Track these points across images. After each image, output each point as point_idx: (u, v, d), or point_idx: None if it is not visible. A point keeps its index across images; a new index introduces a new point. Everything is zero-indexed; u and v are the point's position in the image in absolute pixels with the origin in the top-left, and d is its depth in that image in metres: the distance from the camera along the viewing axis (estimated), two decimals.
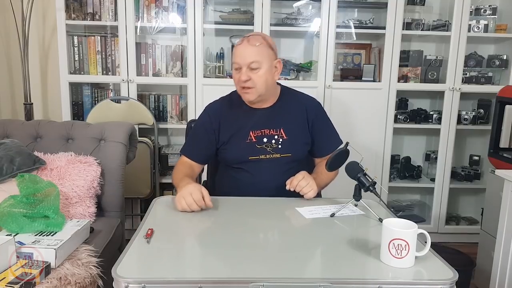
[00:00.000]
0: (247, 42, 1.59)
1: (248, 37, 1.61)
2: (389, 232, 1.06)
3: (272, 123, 1.69)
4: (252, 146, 1.67)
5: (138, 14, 2.73)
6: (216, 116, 1.72)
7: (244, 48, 1.59)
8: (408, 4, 2.82)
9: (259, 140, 1.68)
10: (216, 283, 0.99)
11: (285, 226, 1.37)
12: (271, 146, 1.67)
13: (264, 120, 1.69)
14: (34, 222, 1.51)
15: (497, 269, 1.83)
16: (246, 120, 1.69)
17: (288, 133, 1.68)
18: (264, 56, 1.60)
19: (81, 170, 1.89)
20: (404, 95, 3.05)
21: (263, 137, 1.68)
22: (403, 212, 3.11)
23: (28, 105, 2.68)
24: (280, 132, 1.68)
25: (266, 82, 1.62)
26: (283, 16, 2.85)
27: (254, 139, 1.68)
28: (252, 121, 1.69)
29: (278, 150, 1.68)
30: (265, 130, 1.68)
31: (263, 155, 1.67)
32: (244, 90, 1.63)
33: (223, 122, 1.71)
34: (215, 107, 1.77)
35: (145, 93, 2.94)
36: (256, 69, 1.59)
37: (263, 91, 1.63)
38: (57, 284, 1.34)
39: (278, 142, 1.68)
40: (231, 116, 1.71)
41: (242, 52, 1.60)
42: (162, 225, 1.31)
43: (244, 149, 1.67)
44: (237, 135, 1.69)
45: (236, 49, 1.62)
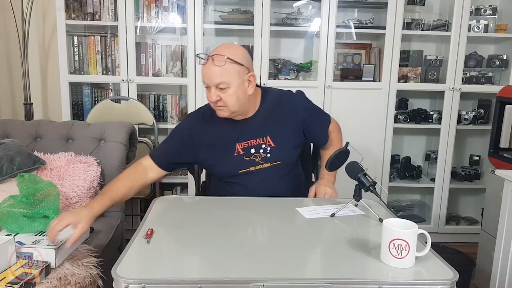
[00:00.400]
0: (211, 62, 1.48)
1: (212, 56, 1.49)
2: (389, 232, 1.06)
3: (257, 132, 1.62)
4: (240, 159, 1.61)
5: (138, 14, 2.73)
6: (198, 131, 1.65)
7: (209, 69, 1.49)
8: (408, 4, 2.82)
9: (247, 152, 1.61)
10: (216, 283, 0.99)
11: (285, 226, 1.37)
12: (260, 156, 1.61)
13: (249, 130, 1.62)
14: (34, 222, 1.51)
15: (497, 269, 1.83)
16: (231, 133, 1.62)
17: (276, 140, 1.62)
18: (231, 75, 1.50)
19: (81, 170, 1.89)
20: (404, 95, 3.05)
21: (251, 148, 1.61)
22: (403, 212, 3.11)
23: (28, 105, 2.68)
24: (267, 140, 1.62)
25: (238, 100, 1.53)
26: (283, 16, 2.85)
27: (241, 152, 1.61)
28: (237, 133, 1.62)
29: (268, 159, 1.62)
30: (251, 140, 1.62)
31: (252, 166, 1.61)
32: (216, 107, 1.56)
33: (206, 136, 1.64)
34: (197, 121, 1.68)
35: (145, 93, 2.94)
36: (224, 89, 1.51)
37: (236, 109, 1.56)
38: (57, 284, 1.34)
39: (267, 150, 1.62)
40: (214, 130, 1.64)
41: (207, 72, 1.50)
42: (162, 225, 1.31)
43: (233, 163, 1.61)
44: (223, 149, 1.62)
45: (202, 69, 1.52)
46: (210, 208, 1.52)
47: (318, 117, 1.75)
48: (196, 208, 1.56)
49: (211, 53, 1.50)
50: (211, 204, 1.57)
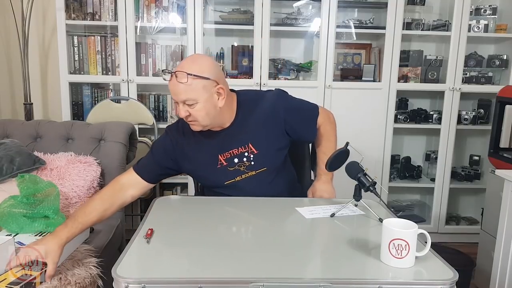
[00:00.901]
0: (175, 78, 1.43)
1: (175, 72, 1.44)
2: (389, 232, 1.06)
3: (238, 141, 1.58)
4: (224, 170, 1.58)
5: (138, 14, 2.73)
6: (179, 143, 1.61)
7: (173, 86, 1.44)
8: (408, 4, 2.82)
9: (230, 162, 1.58)
10: (216, 283, 0.99)
11: (285, 226, 1.37)
12: (244, 165, 1.58)
13: (229, 140, 1.58)
14: (34, 222, 1.51)
15: (497, 269, 1.83)
16: (212, 145, 1.59)
17: (258, 146, 1.58)
18: (196, 91, 1.44)
19: (81, 170, 1.89)
20: (404, 95, 3.05)
21: (234, 158, 1.58)
22: (403, 212, 3.11)
23: (28, 105, 2.68)
24: (249, 147, 1.58)
25: (208, 114, 1.49)
26: (283, 16, 2.85)
27: (224, 163, 1.58)
28: (218, 144, 1.58)
29: (252, 167, 1.58)
30: (233, 150, 1.58)
31: (238, 176, 1.58)
32: (188, 122, 1.52)
33: (187, 150, 1.60)
34: (177, 135, 1.62)
35: (145, 93, 2.94)
36: (192, 104, 1.45)
37: (208, 123, 1.51)
38: (57, 284, 1.34)
39: (250, 158, 1.58)
40: (195, 143, 1.60)
41: (172, 89, 1.45)
42: (162, 225, 1.31)
43: (218, 175, 1.58)
44: (207, 161, 1.59)
45: (168, 85, 1.47)
46: (210, 208, 1.52)
47: (302, 114, 1.67)
48: (196, 208, 1.56)
49: (175, 69, 1.45)
50: (211, 204, 1.57)
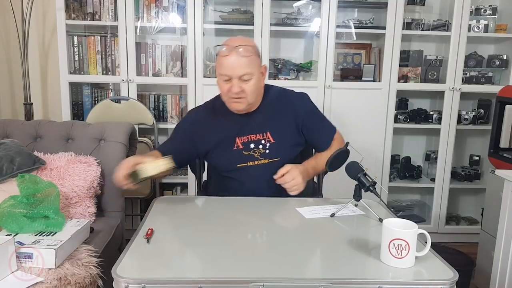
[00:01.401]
0: (237, 53, 1.50)
1: (236, 47, 1.51)
2: (389, 232, 1.06)
3: (257, 127, 1.64)
4: (239, 153, 1.63)
5: (138, 14, 2.73)
6: (198, 125, 1.67)
7: (235, 60, 1.50)
8: (408, 4, 2.82)
9: (246, 146, 1.63)
10: (216, 283, 0.99)
11: (285, 226, 1.37)
12: (259, 152, 1.62)
13: (249, 125, 1.64)
14: (34, 222, 1.51)
15: (497, 269, 1.83)
16: (232, 127, 1.64)
17: (275, 136, 1.63)
18: (254, 66, 1.54)
19: (81, 170, 1.89)
20: (404, 95, 3.05)
21: (250, 143, 1.63)
22: (403, 212, 3.11)
23: (28, 105, 2.68)
24: (266, 136, 1.63)
25: (255, 91, 1.57)
26: (283, 16, 2.85)
27: (241, 146, 1.63)
28: (238, 127, 1.64)
29: (266, 156, 1.63)
30: (251, 135, 1.63)
31: (251, 161, 1.63)
32: (234, 100, 1.56)
33: (206, 130, 1.66)
34: (198, 116, 1.71)
35: (145, 93, 2.94)
36: (247, 80, 1.53)
37: (253, 100, 1.59)
38: (57, 284, 1.34)
39: (266, 146, 1.63)
40: (216, 124, 1.66)
41: (232, 63, 1.50)
42: (162, 225, 1.31)
43: (232, 156, 1.63)
44: (224, 142, 1.64)
45: (224, 60, 1.51)
46: (210, 208, 1.52)
47: (322, 124, 1.73)
48: (196, 208, 1.56)
49: (234, 45, 1.52)
50: (211, 204, 1.57)
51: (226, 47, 1.52)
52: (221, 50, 1.53)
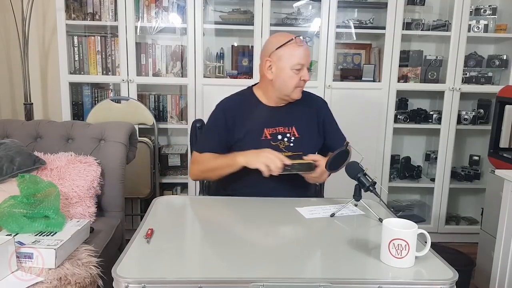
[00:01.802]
0: (305, 43, 1.64)
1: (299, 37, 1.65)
2: (389, 232, 1.06)
3: (285, 121, 1.71)
4: (267, 143, 1.68)
5: (138, 14, 2.73)
6: (231, 112, 1.72)
7: (306, 49, 1.64)
8: (408, 4, 2.82)
9: (274, 137, 1.70)
10: (216, 283, 0.99)
11: (285, 226, 1.37)
12: (284, 144, 1.69)
13: (277, 118, 1.72)
14: (34, 222, 1.51)
15: (497, 269, 1.83)
16: (260, 118, 1.71)
17: (300, 131, 1.71)
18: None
19: (81, 170, 1.89)
20: (404, 95, 3.05)
21: (277, 135, 1.70)
22: (403, 212, 3.11)
23: (28, 105, 2.68)
24: (292, 130, 1.71)
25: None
26: (283, 16, 2.85)
27: (269, 137, 1.69)
28: (266, 118, 1.71)
29: (290, 148, 1.69)
30: (278, 128, 1.71)
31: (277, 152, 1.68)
32: (300, 88, 1.68)
33: (238, 118, 1.71)
34: (230, 104, 1.76)
35: (145, 93, 2.94)
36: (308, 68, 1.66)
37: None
38: (57, 284, 1.34)
39: (290, 140, 1.70)
40: (246, 113, 1.72)
41: (305, 52, 1.63)
42: (162, 225, 1.31)
43: (260, 146, 1.65)
44: (252, 132, 1.69)
45: (298, 50, 1.62)
46: (210, 208, 1.52)
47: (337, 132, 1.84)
48: (196, 208, 1.56)
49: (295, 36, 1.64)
50: (211, 204, 1.57)
51: (296, 38, 1.63)
52: (297, 40, 1.62)
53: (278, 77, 1.65)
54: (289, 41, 1.62)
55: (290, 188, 1.68)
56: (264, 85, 1.73)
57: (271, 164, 1.49)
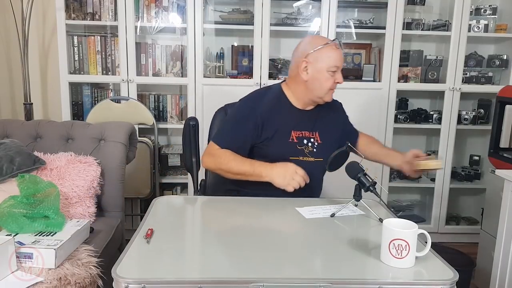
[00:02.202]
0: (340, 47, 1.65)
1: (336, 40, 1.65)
2: (389, 232, 1.06)
3: (310, 125, 1.71)
4: (294, 146, 1.67)
5: (138, 14, 2.73)
6: (263, 111, 1.67)
7: (340, 52, 1.64)
8: (408, 4, 2.82)
9: (300, 141, 1.69)
10: (216, 283, 0.99)
11: (285, 226, 1.37)
12: (308, 149, 1.69)
13: (304, 121, 1.71)
14: (34, 223, 1.51)
15: (497, 269, 1.83)
16: (289, 119, 1.69)
17: (322, 138, 1.71)
18: None
19: (81, 170, 1.89)
20: (404, 95, 3.05)
21: (303, 139, 1.69)
22: (403, 212, 3.11)
23: (28, 105, 2.68)
24: (315, 135, 1.71)
25: None
26: (283, 16, 2.85)
27: (295, 140, 1.68)
28: (294, 121, 1.70)
29: (313, 154, 1.69)
30: (305, 132, 1.70)
31: (301, 156, 1.67)
32: (333, 91, 1.67)
33: (268, 117, 1.67)
34: (262, 102, 1.70)
35: (145, 93, 2.94)
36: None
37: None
38: (57, 284, 1.34)
39: (314, 145, 1.70)
40: (276, 112, 1.69)
41: (340, 55, 1.64)
42: (162, 225, 1.31)
43: (287, 148, 1.66)
44: (281, 132, 1.67)
45: (334, 53, 1.62)
46: (210, 208, 1.52)
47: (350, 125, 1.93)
48: (196, 208, 1.56)
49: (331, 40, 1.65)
50: (211, 204, 1.57)
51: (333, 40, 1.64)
52: (335, 43, 1.64)
53: (314, 79, 1.63)
54: (327, 44, 1.62)
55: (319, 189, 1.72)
56: (295, 86, 1.70)
57: (296, 185, 1.50)
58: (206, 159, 1.67)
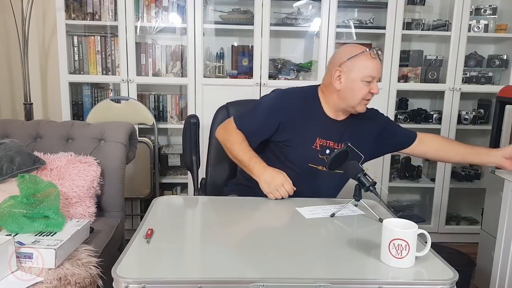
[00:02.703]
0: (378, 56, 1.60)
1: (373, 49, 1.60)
2: (389, 232, 1.06)
3: (337, 136, 1.66)
4: (315, 153, 1.64)
5: (138, 14, 2.73)
6: (293, 109, 1.65)
7: (378, 63, 1.60)
8: (408, 4, 2.82)
9: (323, 150, 1.65)
10: (216, 283, 0.99)
11: (285, 226, 1.37)
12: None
13: (332, 131, 1.67)
14: (34, 222, 1.51)
15: (497, 269, 1.83)
16: (317, 125, 1.66)
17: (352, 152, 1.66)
18: None
19: (81, 170, 1.89)
20: (404, 95, 3.05)
21: (326, 148, 1.65)
22: (403, 212, 3.11)
23: (28, 105, 2.68)
24: (341, 147, 1.64)
25: None
26: (283, 16, 2.85)
27: (318, 148, 1.65)
28: (322, 128, 1.66)
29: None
30: (330, 142, 1.66)
31: (321, 166, 1.64)
32: (367, 102, 1.64)
33: (297, 117, 1.65)
34: (295, 101, 1.68)
35: (145, 93, 2.94)
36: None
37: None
38: (57, 284, 1.34)
39: None
40: (306, 115, 1.66)
41: (377, 66, 1.60)
42: (162, 225, 1.31)
43: (308, 153, 1.64)
44: (305, 136, 1.65)
45: (371, 62, 1.58)
46: (210, 208, 1.52)
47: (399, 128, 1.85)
48: (196, 208, 1.56)
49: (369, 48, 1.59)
50: (211, 204, 1.57)
51: (369, 49, 1.58)
52: (371, 52, 1.58)
53: (347, 88, 1.60)
54: (362, 52, 1.57)
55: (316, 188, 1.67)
56: (328, 94, 1.67)
57: (278, 196, 1.52)
58: (219, 130, 1.71)
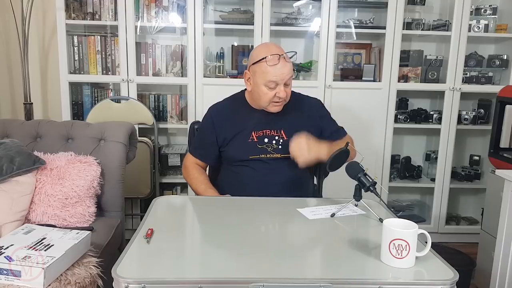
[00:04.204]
0: (284, 59, 1.62)
1: (282, 55, 1.62)
2: (390, 232, 1.06)
3: (273, 124, 1.75)
4: (253, 145, 1.73)
5: (138, 13, 2.73)
6: (219, 116, 1.79)
7: (283, 66, 1.61)
8: (408, 4, 2.81)
9: (260, 140, 1.74)
10: (216, 283, 0.99)
11: (286, 226, 1.37)
12: (272, 147, 1.73)
13: (266, 121, 1.75)
14: None
15: (497, 269, 1.83)
16: (249, 121, 1.76)
17: (288, 135, 1.72)
18: (292, 71, 1.68)
19: (81, 170, 1.88)
20: (404, 95, 3.05)
21: (264, 138, 1.74)
22: (403, 212, 3.11)
23: (28, 105, 2.68)
24: (280, 133, 1.75)
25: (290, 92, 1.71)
26: (283, 16, 2.85)
27: (255, 139, 1.74)
28: (254, 122, 1.75)
29: (279, 151, 1.73)
30: (266, 130, 1.74)
31: (263, 154, 1.73)
32: (276, 103, 1.68)
33: (226, 122, 1.77)
34: (219, 108, 1.83)
35: (145, 93, 2.94)
36: (288, 84, 1.66)
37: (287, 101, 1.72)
38: (57, 284, 1.34)
39: (279, 142, 1.74)
40: (235, 117, 1.78)
41: (280, 70, 1.61)
42: (162, 225, 1.31)
43: (246, 147, 1.73)
44: (240, 134, 1.74)
45: (272, 68, 1.61)
46: (210, 208, 1.52)
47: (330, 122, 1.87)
48: (196, 208, 1.56)
49: (274, 52, 1.62)
50: (211, 204, 1.57)
51: (271, 56, 1.60)
52: (269, 59, 1.60)
53: (254, 91, 1.70)
54: (264, 58, 1.61)
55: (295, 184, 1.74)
56: (248, 93, 1.79)
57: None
58: (182, 170, 1.87)
